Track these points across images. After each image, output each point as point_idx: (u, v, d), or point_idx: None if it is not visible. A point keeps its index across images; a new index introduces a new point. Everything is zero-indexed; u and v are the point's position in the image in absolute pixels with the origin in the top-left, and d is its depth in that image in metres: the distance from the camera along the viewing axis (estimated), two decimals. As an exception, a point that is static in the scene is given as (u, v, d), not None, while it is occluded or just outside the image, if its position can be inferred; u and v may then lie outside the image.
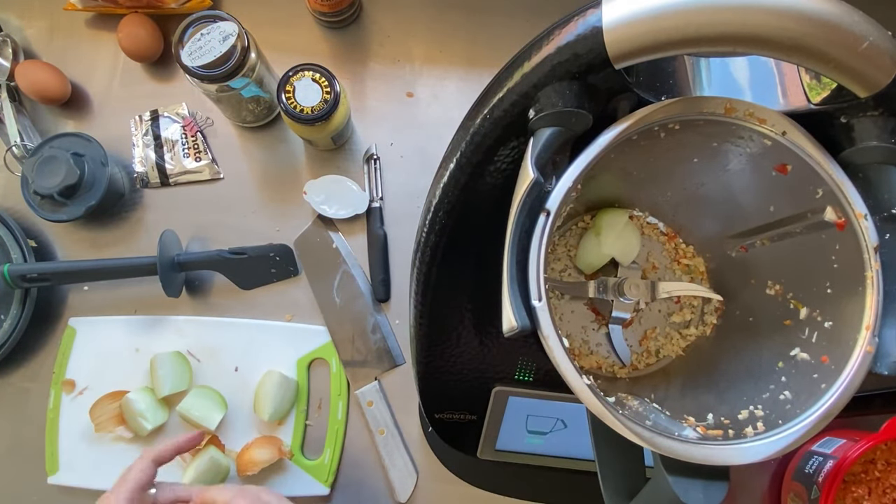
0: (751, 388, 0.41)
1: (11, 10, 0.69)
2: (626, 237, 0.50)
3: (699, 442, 0.35)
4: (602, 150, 0.36)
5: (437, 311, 0.45)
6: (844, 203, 0.36)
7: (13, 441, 0.63)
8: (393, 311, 0.65)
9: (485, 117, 0.38)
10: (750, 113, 0.37)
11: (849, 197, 0.36)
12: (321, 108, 0.57)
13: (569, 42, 0.34)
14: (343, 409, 0.62)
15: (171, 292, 0.61)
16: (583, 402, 0.34)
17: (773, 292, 0.44)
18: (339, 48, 0.69)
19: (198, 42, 0.55)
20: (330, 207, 0.64)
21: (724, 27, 0.30)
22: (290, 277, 0.64)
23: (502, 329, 0.34)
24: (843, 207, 0.36)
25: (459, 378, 0.48)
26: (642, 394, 0.44)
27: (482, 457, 0.52)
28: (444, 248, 0.42)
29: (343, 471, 0.62)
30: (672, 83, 0.41)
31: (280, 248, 0.64)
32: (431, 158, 0.67)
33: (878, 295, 0.35)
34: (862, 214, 0.36)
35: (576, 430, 0.52)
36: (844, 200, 0.36)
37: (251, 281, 0.64)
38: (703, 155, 0.42)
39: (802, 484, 0.57)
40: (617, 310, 0.48)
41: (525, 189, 0.34)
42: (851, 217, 0.36)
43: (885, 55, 0.31)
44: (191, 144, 0.67)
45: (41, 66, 0.66)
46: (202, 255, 0.64)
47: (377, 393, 0.63)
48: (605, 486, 0.39)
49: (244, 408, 0.62)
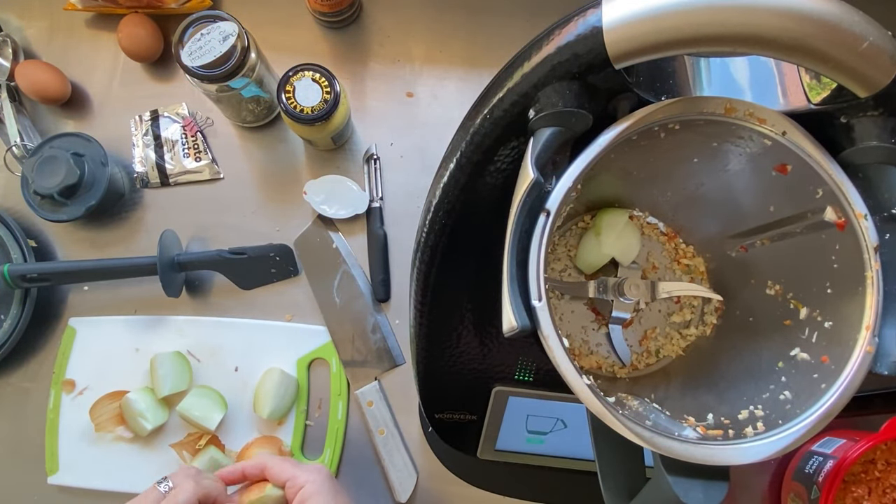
0: (751, 388, 0.41)
1: (11, 10, 0.70)
2: (626, 237, 0.50)
3: (699, 442, 0.35)
4: (602, 150, 0.36)
5: (437, 311, 0.45)
6: (844, 203, 0.36)
7: (13, 441, 0.63)
8: (393, 311, 0.65)
9: (485, 117, 0.38)
10: (750, 113, 0.37)
11: (849, 197, 0.36)
12: (321, 108, 0.57)
13: (569, 42, 0.34)
14: (343, 408, 0.62)
15: (172, 292, 0.61)
16: (583, 402, 0.34)
17: (773, 292, 0.44)
18: (339, 48, 0.69)
19: (198, 42, 0.55)
20: (330, 207, 0.64)
21: (724, 27, 0.30)
22: (290, 277, 0.64)
23: (502, 329, 0.34)
24: (843, 207, 0.36)
25: (459, 378, 0.48)
26: (642, 394, 0.44)
27: (482, 457, 0.52)
28: (444, 248, 0.42)
29: (343, 470, 0.62)
30: (672, 83, 0.41)
31: (280, 247, 0.64)
32: (431, 158, 0.67)
33: (878, 295, 0.35)
34: (862, 214, 0.36)
35: (576, 430, 0.52)
36: (844, 200, 0.36)
37: (251, 281, 0.64)
38: (703, 155, 0.42)
39: (802, 484, 0.57)
40: (617, 310, 0.48)
41: (525, 189, 0.34)
42: (851, 217, 0.36)
43: (885, 55, 0.31)
44: (191, 144, 0.67)
45: (41, 66, 0.66)
46: (202, 255, 0.64)
47: (377, 393, 0.63)
48: (605, 486, 0.39)
49: (244, 408, 0.62)
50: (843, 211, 0.36)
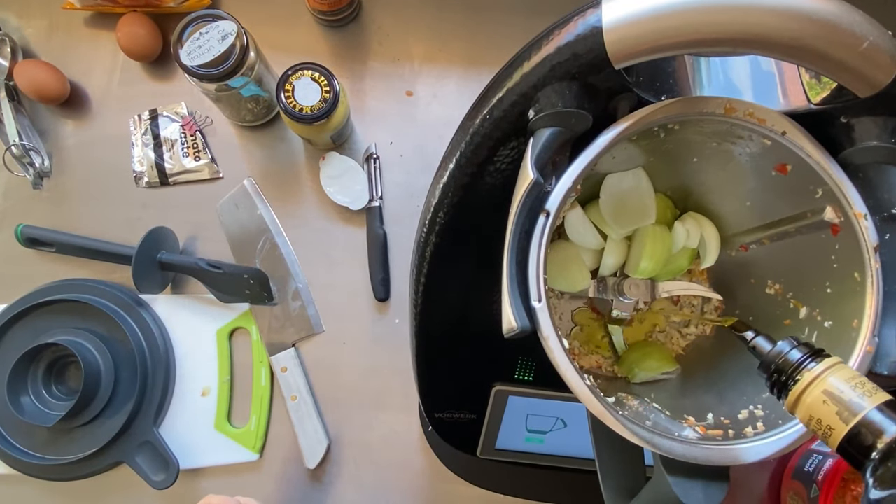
0: (751, 387, 0.41)
1: (10, 10, 0.69)
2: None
3: (699, 442, 0.35)
4: (602, 150, 0.36)
5: (437, 310, 0.45)
6: (844, 203, 0.36)
7: None
8: (393, 311, 0.65)
9: (484, 117, 0.38)
10: (750, 113, 0.37)
11: (849, 197, 0.36)
12: (320, 107, 0.57)
13: (568, 42, 0.34)
14: (266, 375, 0.64)
15: (144, 288, 0.61)
16: (583, 403, 0.34)
17: (773, 292, 0.44)
18: (339, 47, 0.68)
19: (197, 41, 0.55)
20: (332, 187, 0.64)
21: (724, 27, 0.30)
22: (264, 304, 0.64)
23: (502, 329, 0.34)
24: (843, 207, 0.36)
25: (459, 378, 0.48)
26: (642, 394, 0.44)
27: (482, 456, 0.52)
28: (443, 248, 0.42)
29: (273, 435, 0.63)
30: (672, 83, 0.41)
31: (254, 272, 0.63)
32: (431, 158, 0.67)
33: (878, 295, 0.35)
34: (862, 214, 0.36)
35: (576, 429, 0.52)
36: (844, 200, 0.36)
37: (227, 295, 0.64)
38: (703, 155, 0.42)
39: (802, 482, 0.57)
40: (617, 310, 0.48)
41: (525, 189, 0.34)
42: (851, 217, 0.36)
43: (885, 55, 0.31)
44: (190, 144, 0.66)
45: (40, 65, 0.66)
46: (181, 260, 0.63)
47: (293, 359, 0.63)
48: (605, 486, 0.39)
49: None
50: (843, 211, 0.36)
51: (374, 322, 0.65)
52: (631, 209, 0.46)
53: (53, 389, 0.61)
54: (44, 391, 0.60)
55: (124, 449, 0.60)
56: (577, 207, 0.46)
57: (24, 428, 0.59)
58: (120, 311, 0.61)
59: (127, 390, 0.60)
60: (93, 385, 0.58)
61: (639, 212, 0.46)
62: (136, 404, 0.60)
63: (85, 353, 0.59)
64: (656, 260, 0.45)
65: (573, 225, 0.46)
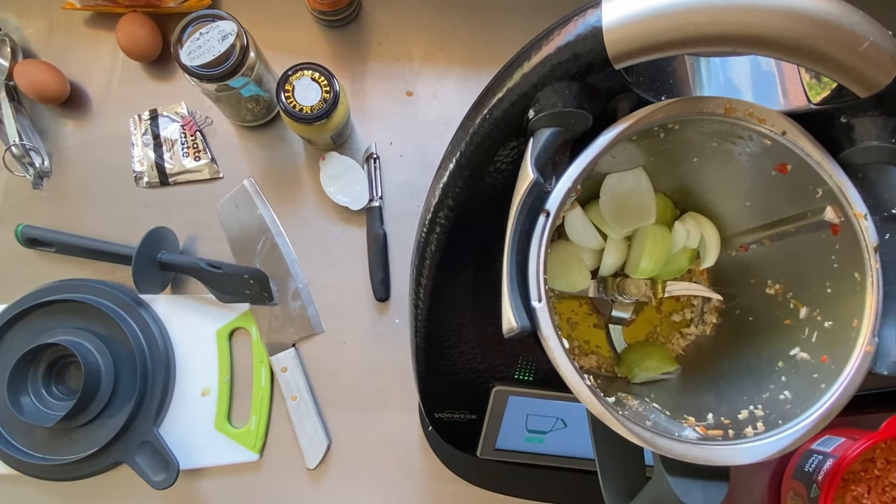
0: (751, 387, 0.41)
1: (10, 9, 0.69)
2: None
3: (699, 442, 0.35)
4: (602, 150, 0.36)
5: (436, 310, 0.45)
6: (844, 203, 0.36)
7: None
8: (393, 311, 0.65)
9: (484, 117, 0.38)
10: (750, 113, 0.37)
11: (849, 197, 0.36)
12: (320, 107, 0.57)
13: (568, 42, 0.34)
14: (266, 375, 0.63)
15: (144, 289, 0.61)
16: (583, 403, 0.34)
17: (773, 292, 0.44)
18: (339, 47, 0.68)
19: (197, 41, 0.55)
20: (332, 187, 0.64)
21: (724, 27, 0.30)
22: (264, 304, 0.64)
23: (502, 330, 0.34)
24: (843, 207, 0.36)
25: (459, 378, 0.48)
26: (642, 394, 0.44)
27: (482, 456, 0.52)
28: (443, 248, 0.42)
29: (273, 435, 0.63)
30: (672, 83, 0.41)
31: (254, 272, 0.63)
32: (431, 158, 0.67)
33: (878, 295, 0.35)
34: (862, 214, 0.36)
35: (576, 429, 0.52)
36: (844, 200, 0.36)
37: (227, 296, 0.63)
38: (703, 155, 0.42)
39: (802, 482, 0.57)
40: (617, 310, 0.48)
41: (525, 189, 0.34)
42: (851, 217, 0.36)
43: (885, 55, 0.31)
44: (190, 144, 0.66)
45: (40, 65, 0.66)
46: (182, 260, 0.63)
47: (293, 359, 0.63)
48: (605, 486, 0.39)
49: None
50: (843, 211, 0.36)
51: (374, 322, 0.65)
52: (631, 209, 0.46)
53: (53, 389, 0.60)
54: (44, 391, 0.60)
55: (124, 449, 0.60)
56: (577, 207, 0.46)
57: (24, 428, 0.59)
58: (120, 311, 0.61)
59: (127, 390, 0.60)
60: (93, 385, 0.58)
61: (639, 212, 0.46)
62: (136, 404, 0.60)
63: (85, 353, 0.58)
64: (656, 260, 0.45)
65: (573, 225, 0.46)
